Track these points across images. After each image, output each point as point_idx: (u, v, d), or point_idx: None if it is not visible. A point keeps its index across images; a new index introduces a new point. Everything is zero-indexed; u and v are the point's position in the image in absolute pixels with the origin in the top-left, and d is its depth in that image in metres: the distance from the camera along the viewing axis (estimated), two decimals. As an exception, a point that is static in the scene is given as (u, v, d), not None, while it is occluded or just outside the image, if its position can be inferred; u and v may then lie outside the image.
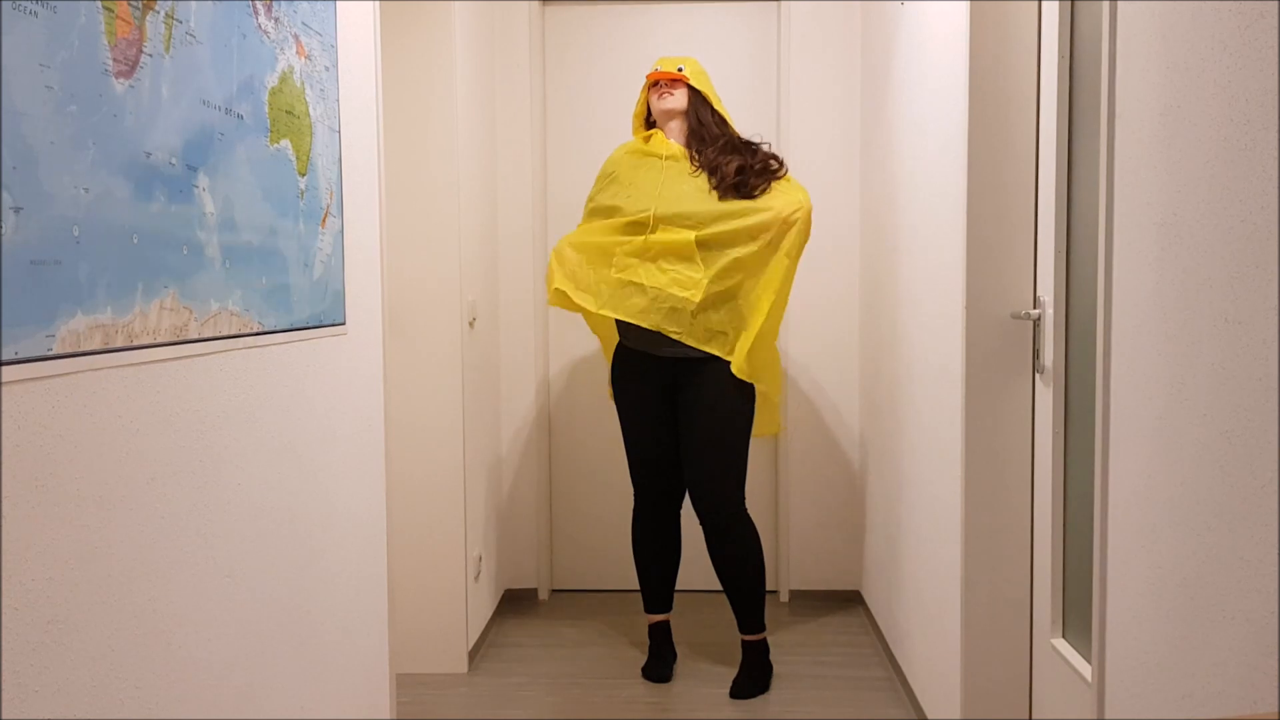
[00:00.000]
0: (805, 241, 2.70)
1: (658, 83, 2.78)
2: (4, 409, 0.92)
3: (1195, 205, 1.07)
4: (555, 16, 3.58)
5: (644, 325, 2.64)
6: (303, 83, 1.60)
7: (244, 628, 1.43)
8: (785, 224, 2.63)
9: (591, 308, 2.71)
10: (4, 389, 0.91)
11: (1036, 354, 2.05)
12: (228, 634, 1.38)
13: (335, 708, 1.79)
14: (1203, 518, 1.06)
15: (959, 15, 2.12)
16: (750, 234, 2.63)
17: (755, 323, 2.66)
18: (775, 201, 2.65)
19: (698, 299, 2.59)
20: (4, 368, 0.91)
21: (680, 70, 2.77)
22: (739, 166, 2.66)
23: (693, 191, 2.67)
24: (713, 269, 2.61)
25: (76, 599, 1.03)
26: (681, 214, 2.64)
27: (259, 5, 1.43)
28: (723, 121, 2.77)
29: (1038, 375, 2.06)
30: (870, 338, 3.33)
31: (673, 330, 2.63)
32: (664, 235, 2.63)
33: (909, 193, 2.67)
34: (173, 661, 1.22)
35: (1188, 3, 1.09)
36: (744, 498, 2.77)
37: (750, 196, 2.65)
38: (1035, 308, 2.06)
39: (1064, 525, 1.99)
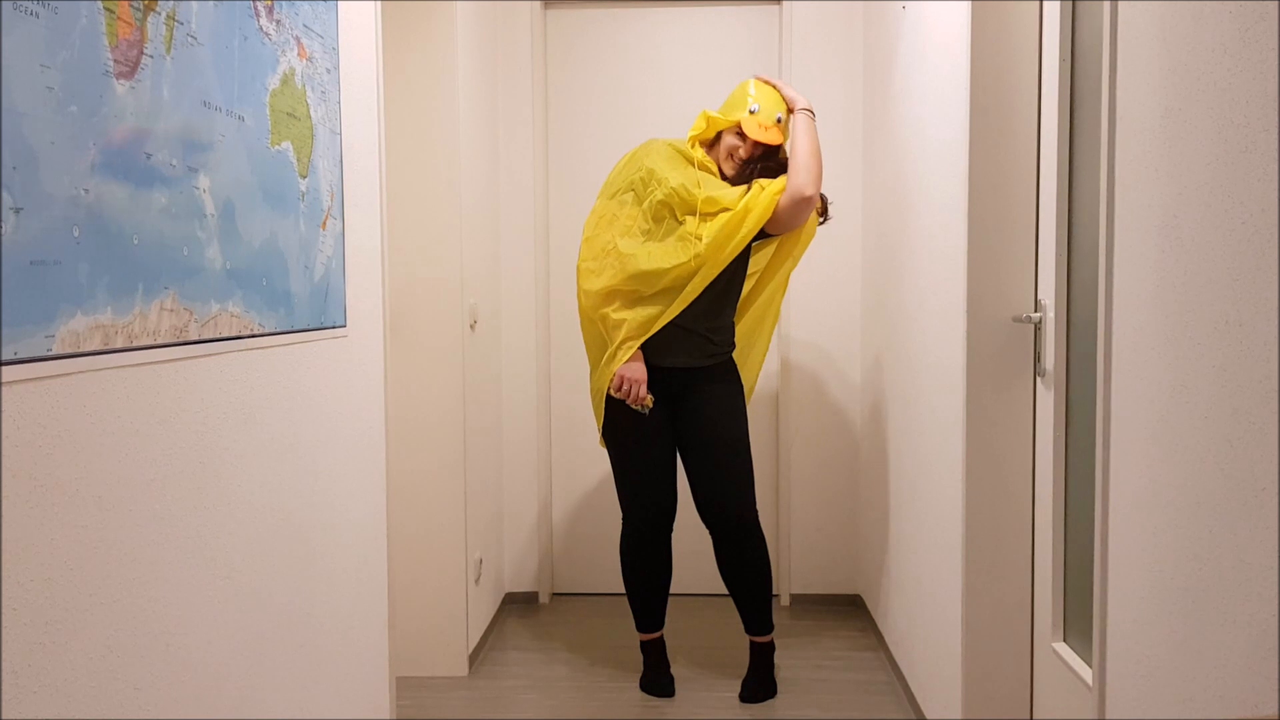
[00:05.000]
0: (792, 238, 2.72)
1: (742, 133, 2.61)
2: (3, 409, 0.92)
3: (1196, 207, 1.07)
4: (557, 19, 3.58)
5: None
6: (304, 85, 1.60)
7: (243, 629, 1.42)
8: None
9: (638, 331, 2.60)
10: (4, 389, 0.92)
11: (1037, 357, 2.05)
12: (227, 635, 1.37)
13: (335, 709, 1.78)
14: (1204, 521, 1.06)
15: (960, 18, 2.12)
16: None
17: (761, 350, 2.80)
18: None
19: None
20: (4, 368, 0.91)
21: (779, 121, 2.62)
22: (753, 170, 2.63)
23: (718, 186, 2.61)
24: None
25: (75, 599, 1.03)
26: (707, 196, 2.57)
27: (260, 7, 1.44)
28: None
29: (1039, 378, 2.06)
30: (871, 340, 3.32)
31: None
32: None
33: (910, 195, 2.67)
34: (172, 662, 1.22)
35: (1188, 5, 1.08)
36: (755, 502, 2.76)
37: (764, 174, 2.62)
38: (1036, 311, 2.06)
39: (1065, 528, 1.98)
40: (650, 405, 2.64)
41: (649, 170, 2.62)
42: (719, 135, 2.68)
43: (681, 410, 2.71)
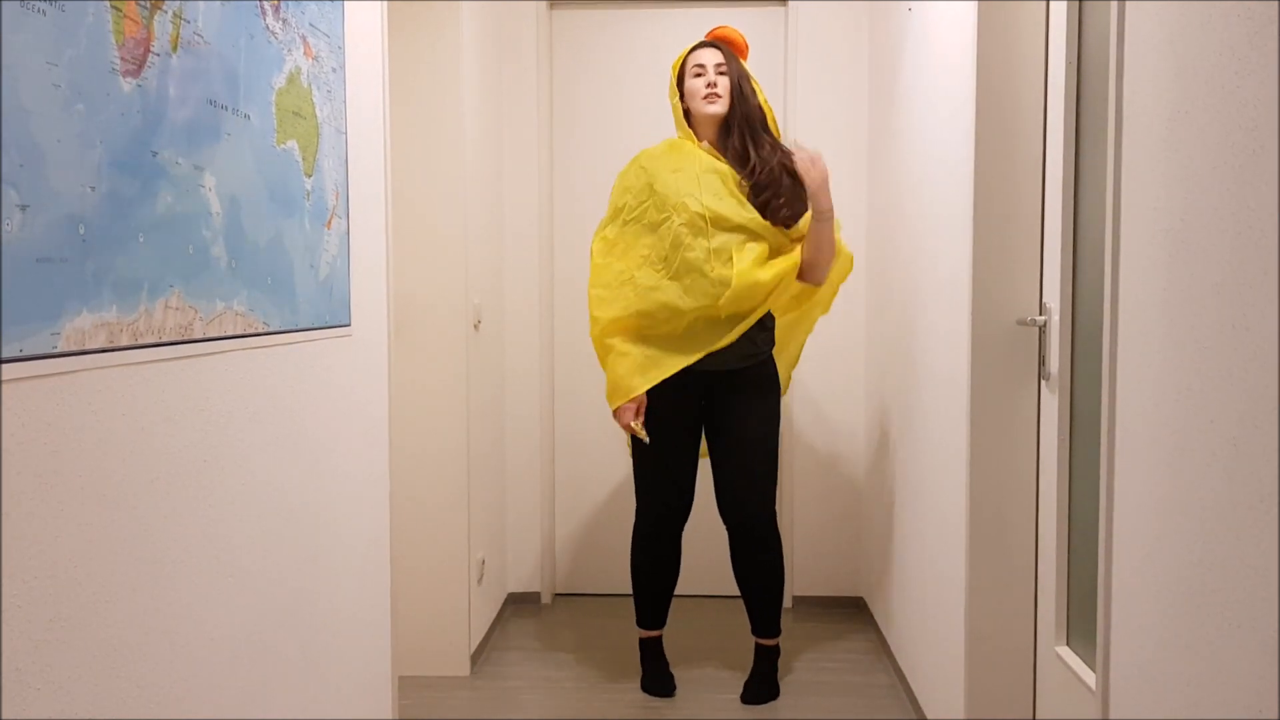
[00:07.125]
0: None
1: (701, 72, 2.63)
2: (8, 406, 0.92)
3: (1203, 211, 1.06)
4: (562, 19, 3.58)
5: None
6: (310, 84, 1.60)
7: (246, 627, 1.43)
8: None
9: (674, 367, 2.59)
10: (8, 386, 0.92)
11: (1042, 361, 2.05)
12: (230, 634, 1.37)
13: (337, 708, 1.78)
14: (1208, 525, 1.06)
15: (966, 19, 2.12)
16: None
17: (795, 351, 2.90)
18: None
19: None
20: (9, 365, 0.91)
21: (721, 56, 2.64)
22: (786, 198, 2.60)
23: (730, 196, 2.58)
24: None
25: (79, 597, 1.03)
26: (726, 216, 2.55)
27: (267, 6, 1.44)
28: (764, 117, 2.67)
29: (1043, 382, 2.06)
30: (876, 343, 3.32)
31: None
32: (732, 302, 2.54)
33: (916, 197, 2.67)
34: (175, 661, 1.22)
35: (1196, 6, 1.08)
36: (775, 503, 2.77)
37: (785, 225, 2.62)
38: (1041, 314, 2.05)
39: (1069, 532, 1.98)
40: (647, 440, 2.65)
41: (662, 197, 2.58)
42: (685, 98, 2.68)
43: (715, 410, 2.71)
